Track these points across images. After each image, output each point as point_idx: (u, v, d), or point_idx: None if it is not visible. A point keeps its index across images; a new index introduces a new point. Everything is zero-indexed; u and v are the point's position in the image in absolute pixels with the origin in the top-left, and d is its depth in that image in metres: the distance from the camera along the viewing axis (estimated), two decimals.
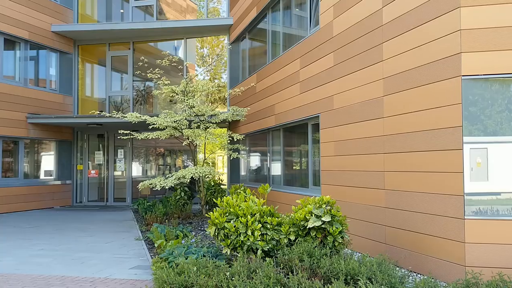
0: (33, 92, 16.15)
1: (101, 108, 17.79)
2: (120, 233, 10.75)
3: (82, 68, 18.63)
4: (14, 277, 6.55)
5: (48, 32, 16.66)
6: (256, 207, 6.57)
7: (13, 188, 15.30)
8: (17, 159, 15.80)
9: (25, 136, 15.77)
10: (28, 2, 15.78)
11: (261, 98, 12.84)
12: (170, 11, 19.73)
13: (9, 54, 15.68)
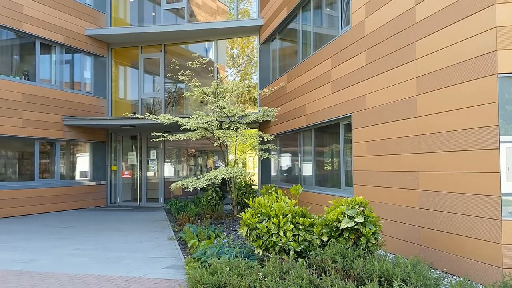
0: (69, 95, 16.53)
1: (134, 110, 18.08)
2: (154, 233, 10.90)
3: (116, 71, 18.97)
4: (52, 275, 6.72)
5: (83, 36, 17.03)
6: (288, 208, 6.56)
7: (50, 189, 15.69)
8: (53, 161, 16.20)
9: (61, 138, 16.17)
10: (64, 7, 16.16)
11: (292, 98, 12.81)
12: (201, 13, 19.90)
13: (45, 58, 16.10)
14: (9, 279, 6.48)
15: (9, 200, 14.12)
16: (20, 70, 15.62)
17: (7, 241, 9.82)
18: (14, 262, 7.64)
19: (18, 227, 12.10)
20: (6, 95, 14.07)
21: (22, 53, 15.85)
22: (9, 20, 14.16)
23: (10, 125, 14.15)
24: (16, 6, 14.38)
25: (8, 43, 15.07)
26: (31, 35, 15.10)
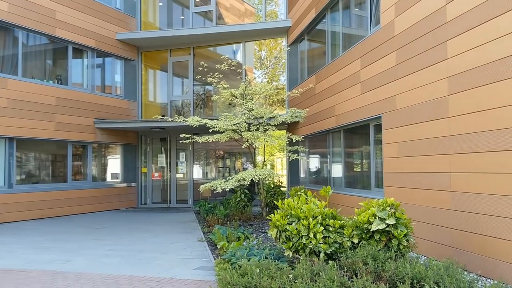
0: (100, 98, 16.83)
1: (163, 112, 18.28)
2: (183, 234, 10.99)
3: (145, 74, 19.23)
4: (85, 276, 6.84)
5: (113, 40, 17.32)
6: (317, 210, 6.53)
7: (82, 191, 16.00)
8: (85, 163, 16.52)
9: (93, 141, 16.47)
10: (95, 12, 16.47)
11: (321, 99, 12.75)
12: (229, 16, 20.00)
13: (77, 62, 16.43)
14: (44, 279, 6.63)
15: (43, 202, 14.45)
16: (53, 75, 15.98)
17: (42, 242, 10.06)
18: (48, 263, 7.82)
19: (52, 228, 12.37)
20: (40, 99, 14.41)
21: (55, 58, 16.22)
22: (42, 25, 14.52)
23: (44, 128, 14.49)
24: (49, 12, 14.73)
25: (41, 48, 15.44)
26: (64, 40, 15.44)
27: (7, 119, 13.37)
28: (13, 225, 12.89)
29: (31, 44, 15.01)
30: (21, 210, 13.74)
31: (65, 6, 15.29)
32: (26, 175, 14.81)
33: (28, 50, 14.83)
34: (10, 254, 8.68)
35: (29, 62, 14.83)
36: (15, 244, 9.79)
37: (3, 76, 13.48)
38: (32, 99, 14.14)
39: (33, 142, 14.61)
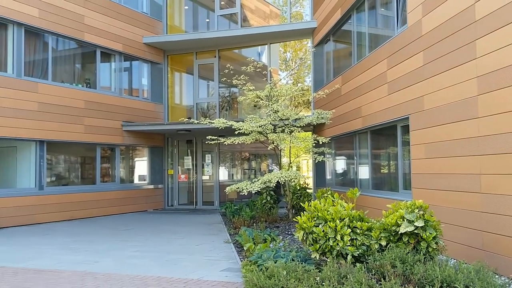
0: (127, 101, 17.08)
1: (189, 114, 18.42)
2: (210, 235, 11.05)
3: (171, 77, 19.42)
4: (114, 276, 6.94)
5: (140, 44, 17.55)
6: (345, 212, 6.48)
7: (111, 192, 16.25)
8: (113, 165, 16.77)
9: (121, 143, 16.71)
10: (122, 17, 16.73)
11: (347, 100, 12.67)
12: (254, 18, 20.06)
13: (105, 66, 16.71)
14: (74, 280, 6.75)
15: (73, 204, 14.72)
16: (82, 78, 16.29)
17: (72, 243, 10.24)
18: (78, 263, 7.96)
19: (81, 230, 12.59)
20: (70, 102, 14.70)
21: (83, 62, 16.53)
22: (72, 30, 14.81)
23: (74, 131, 14.77)
24: (78, 17, 15.02)
25: (70, 53, 15.76)
26: (92, 44, 15.71)
27: (38, 122, 13.67)
28: (44, 226, 13.16)
29: (61, 48, 15.33)
30: (51, 211, 14.02)
31: (93, 11, 15.56)
32: (56, 177, 15.13)
33: (58, 54, 15.15)
34: (42, 254, 8.87)
35: (58, 66, 15.15)
36: (46, 245, 9.99)
37: (34, 80, 13.79)
38: (61, 102, 14.43)
39: (63, 144, 14.91)
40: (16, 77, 13.28)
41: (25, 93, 13.40)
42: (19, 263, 8.04)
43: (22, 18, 13.35)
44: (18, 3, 13.20)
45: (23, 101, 13.30)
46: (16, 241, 10.59)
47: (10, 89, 13.01)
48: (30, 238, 11.04)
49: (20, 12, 13.28)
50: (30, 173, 13.84)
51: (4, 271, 7.35)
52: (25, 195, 13.43)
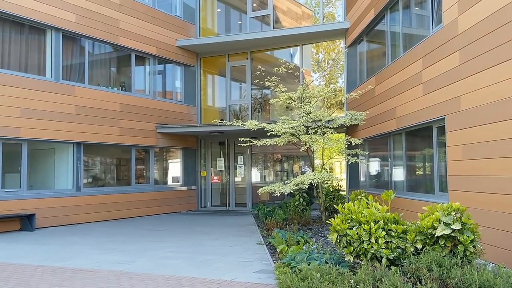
0: (161, 103, 17.32)
1: (221, 116, 18.54)
2: (243, 237, 11.09)
3: (204, 79, 19.59)
4: (149, 276, 7.04)
5: (173, 47, 17.77)
6: (379, 214, 6.40)
7: (145, 194, 16.49)
8: (147, 167, 17.03)
9: (155, 145, 16.95)
10: (156, 20, 16.98)
11: (381, 101, 12.51)
12: (286, 19, 20.04)
13: (140, 69, 17.00)
14: (111, 279, 6.88)
15: (108, 204, 15.01)
16: (117, 82, 16.61)
17: (108, 243, 10.45)
18: (114, 263, 8.11)
19: (117, 230, 12.83)
20: (106, 105, 15.00)
21: (118, 66, 16.86)
22: (107, 34, 15.12)
23: (109, 133, 15.07)
24: (113, 21, 15.33)
25: (106, 57, 16.10)
26: (127, 48, 16.00)
27: (75, 125, 14.00)
28: (82, 227, 13.47)
29: (97, 52, 15.67)
30: (88, 212, 14.33)
31: (128, 15, 15.85)
32: (93, 179, 15.46)
33: (94, 58, 15.50)
34: (79, 254, 9.07)
35: (95, 70, 15.49)
36: (84, 245, 10.23)
37: (71, 84, 14.14)
38: (98, 105, 14.74)
39: (99, 146, 15.23)
40: (54, 81, 13.64)
41: (63, 97, 13.75)
42: (58, 262, 8.25)
43: (60, 23, 13.71)
44: (56, 8, 13.56)
45: (61, 104, 13.64)
46: (55, 241, 10.87)
47: (49, 93, 13.37)
48: (68, 238, 11.31)
49: (58, 18, 13.63)
50: (68, 175, 14.19)
51: (44, 270, 7.56)
52: (63, 196, 13.78)
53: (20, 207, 12.54)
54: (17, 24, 13.01)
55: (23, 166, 12.86)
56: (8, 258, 8.70)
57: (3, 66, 12.61)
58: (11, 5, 12.48)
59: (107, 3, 15.14)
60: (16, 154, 12.77)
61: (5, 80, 12.34)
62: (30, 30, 13.36)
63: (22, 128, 12.61)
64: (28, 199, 12.77)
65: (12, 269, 7.64)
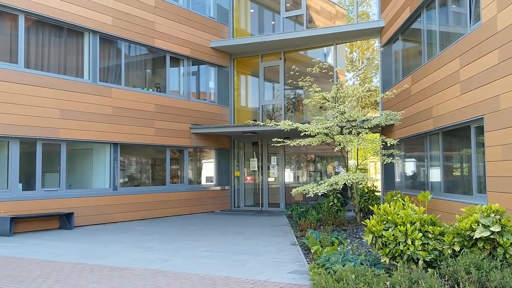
0: (195, 104, 17.49)
1: (254, 117, 18.59)
2: (276, 237, 11.09)
3: (237, 80, 19.69)
4: (184, 275, 7.12)
5: (207, 48, 17.93)
6: (416, 215, 6.31)
7: (179, 193, 16.69)
8: (182, 166, 17.24)
9: (189, 145, 17.14)
10: (190, 22, 17.17)
11: (417, 100, 12.31)
12: (319, 19, 19.94)
13: (174, 71, 17.22)
14: (147, 277, 6.99)
15: (144, 204, 15.26)
16: (153, 83, 16.88)
17: (144, 242, 10.62)
18: (150, 262, 8.24)
19: (153, 229, 13.03)
20: (142, 106, 15.26)
21: (153, 67, 17.13)
22: (143, 37, 15.38)
23: (145, 134, 15.31)
24: (149, 24, 15.57)
25: (142, 58, 16.38)
26: (162, 50, 16.23)
27: (112, 125, 14.29)
28: (118, 225, 13.74)
29: (132, 54, 15.96)
30: (124, 211, 14.61)
31: (163, 17, 16.07)
32: (129, 178, 15.75)
33: (130, 60, 15.79)
34: (117, 252, 9.26)
35: (131, 71, 15.79)
36: (121, 243, 10.43)
37: (108, 85, 14.44)
38: (134, 106, 15.00)
39: (135, 147, 15.50)
40: (92, 83, 13.96)
41: (100, 98, 14.05)
42: (96, 260, 8.43)
43: (97, 26, 14.01)
44: (93, 12, 13.87)
45: (98, 106, 13.95)
46: (92, 239, 11.12)
47: (87, 94, 13.69)
48: (105, 237, 11.56)
49: (95, 21, 13.94)
50: (105, 174, 14.50)
51: (82, 268, 7.74)
52: (100, 195, 14.08)
53: (59, 206, 12.88)
54: (56, 28, 13.37)
55: (62, 166, 13.21)
56: (48, 255, 8.95)
57: (43, 68, 12.99)
58: (50, 9, 12.83)
59: (143, 6, 15.39)
60: (55, 154, 13.13)
61: (45, 82, 12.69)
62: (69, 33, 13.71)
63: (61, 129, 12.95)
64: (66, 198, 13.11)
65: (51, 267, 7.86)
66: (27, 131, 12.18)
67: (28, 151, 12.66)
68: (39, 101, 12.47)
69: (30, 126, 12.25)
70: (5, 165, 12.11)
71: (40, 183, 12.68)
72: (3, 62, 12.02)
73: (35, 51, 12.97)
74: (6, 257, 8.81)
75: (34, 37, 12.95)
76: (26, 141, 12.43)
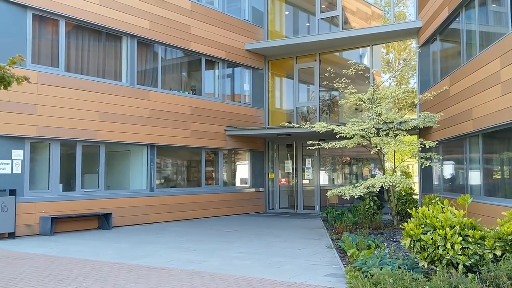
0: (230, 106, 17.60)
1: (289, 119, 18.55)
2: (311, 240, 11.04)
3: (272, 82, 19.71)
4: (220, 276, 7.17)
5: (242, 50, 18.01)
6: (455, 219, 6.17)
7: (214, 195, 16.81)
8: (217, 168, 17.37)
9: (224, 147, 17.25)
10: (226, 25, 17.30)
11: (456, 102, 12.04)
12: (355, 20, 19.77)
13: (209, 73, 17.39)
14: (183, 278, 7.08)
15: (180, 205, 15.44)
16: (188, 86, 17.08)
17: (180, 243, 10.75)
18: (187, 262, 8.33)
19: (189, 230, 13.17)
20: (178, 109, 15.46)
21: (189, 70, 17.34)
22: (179, 40, 15.58)
23: (181, 136, 15.51)
24: (185, 27, 15.77)
25: (178, 61, 16.61)
26: (198, 53, 16.41)
27: (149, 127, 14.52)
28: (155, 226, 13.95)
29: (169, 58, 16.20)
30: (161, 212, 14.81)
31: (199, 21, 16.25)
32: (165, 180, 15.97)
33: (166, 63, 16.02)
34: (154, 252, 9.40)
35: (167, 74, 16.03)
36: (158, 244, 10.59)
37: (146, 88, 14.69)
38: (170, 109, 15.21)
39: (171, 149, 15.71)
40: (130, 86, 14.23)
41: (138, 101, 14.31)
42: (134, 260, 8.59)
43: (135, 30, 14.28)
44: (131, 16, 14.14)
45: (136, 108, 14.21)
46: (130, 239, 11.33)
47: (125, 97, 13.96)
48: (142, 237, 11.75)
49: (133, 25, 14.21)
50: (142, 176, 14.74)
51: (120, 267, 7.90)
52: (137, 196, 14.33)
53: (98, 207, 13.17)
54: (95, 32, 13.69)
55: (101, 167, 13.51)
56: (87, 255, 9.16)
57: (82, 72, 13.32)
58: (90, 14, 13.15)
59: (179, 10, 15.60)
60: (94, 156, 13.44)
61: (84, 86, 13.01)
62: (107, 37, 14.02)
63: (100, 131, 13.25)
64: (105, 199, 13.39)
65: (91, 266, 8.05)
66: (67, 133, 12.51)
67: (68, 152, 13.01)
68: (79, 104, 12.79)
69: (71, 128, 12.58)
70: (47, 167, 12.46)
71: (80, 184, 13.01)
72: (45, 66, 12.39)
73: (75, 55, 13.32)
74: (47, 256, 9.07)
75: (74, 41, 13.31)
76: (66, 143, 12.77)
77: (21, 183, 11.71)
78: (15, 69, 7.55)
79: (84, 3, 12.98)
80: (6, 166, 11.46)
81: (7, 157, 11.48)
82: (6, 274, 7.41)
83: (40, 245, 10.41)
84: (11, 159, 11.55)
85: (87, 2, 13.05)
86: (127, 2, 14.03)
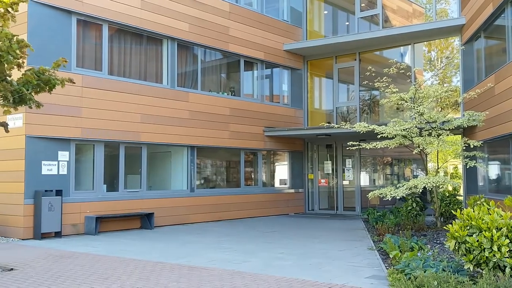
0: (268, 107, 17.62)
1: (328, 119, 18.41)
2: (352, 241, 10.92)
3: (311, 82, 19.61)
4: (261, 277, 7.19)
5: (280, 51, 18.00)
6: (502, 221, 5.99)
7: (253, 195, 16.87)
8: (256, 169, 17.41)
9: (262, 148, 17.29)
10: (264, 26, 17.33)
11: (502, 100, 11.67)
12: (396, 18, 19.46)
13: (248, 74, 17.46)
14: (224, 277, 7.13)
15: (220, 205, 15.57)
16: (227, 87, 17.20)
17: (220, 243, 10.84)
18: (227, 262, 8.39)
19: (229, 230, 13.26)
20: (217, 110, 15.60)
21: (228, 71, 17.46)
22: (218, 42, 15.72)
23: (220, 137, 15.63)
24: (223, 29, 15.90)
25: (216, 63, 16.75)
26: (236, 54, 16.51)
27: (189, 129, 14.71)
28: (196, 226, 14.11)
29: (208, 59, 16.37)
30: (201, 212, 14.98)
31: (237, 22, 16.35)
32: (205, 180, 16.14)
33: (205, 65, 16.20)
34: (195, 252, 9.52)
35: (206, 76, 16.19)
36: (198, 244, 10.72)
37: (185, 90, 14.89)
38: (209, 110, 15.36)
39: (210, 149, 15.86)
40: (170, 88, 14.45)
41: (178, 103, 14.52)
42: (175, 259, 8.71)
43: (175, 33, 14.49)
44: (171, 19, 14.36)
45: (176, 110, 14.42)
46: (172, 239, 11.50)
47: (166, 99, 14.19)
48: (184, 237, 11.91)
49: (173, 28, 14.43)
50: (183, 176, 14.95)
51: (163, 267, 8.02)
52: (178, 196, 14.54)
53: (140, 207, 13.44)
54: (137, 36, 13.97)
55: (143, 168, 13.78)
56: (131, 254, 9.36)
57: (125, 75, 13.62)
58: (132, 18, 13.43)
59: (218, 12, 15.74)
60: (136, 157, 13.71)
61: (127, 88, 13.30)
62: (148, 41, 14.29)
63: (142, 132, 13.51)
64: (147, 199, 13.65)
65: (134, 265, 8.21)
66: (111, 135, 12.82)
67: (112, 154, 13.32)
68: (121, 106, 13.07)
69: (114, 130, 12.87)
70: (91, 167, 12.80)
71: (123, 185, 13.30)
72: (89, 70, 12.73)
73: (117, 59, 13.64)
74: (92, 254, 9.31)
75: (117, 45, 13.63)
76: (110, 144, 13.08)
77: (67, 184, 12.07)
78: (61, 72, 7.79)
79: (126, 7, 13.27)
80: (53, 167, 11.83)
81: (53, 158, 11.85)
82: (53, 272, 7.65)
83: (85, 244, 10.70)
84: (57, 161, 11.92)
85: (129, 6, 13.33)
86: (167, 5, 14.25)
